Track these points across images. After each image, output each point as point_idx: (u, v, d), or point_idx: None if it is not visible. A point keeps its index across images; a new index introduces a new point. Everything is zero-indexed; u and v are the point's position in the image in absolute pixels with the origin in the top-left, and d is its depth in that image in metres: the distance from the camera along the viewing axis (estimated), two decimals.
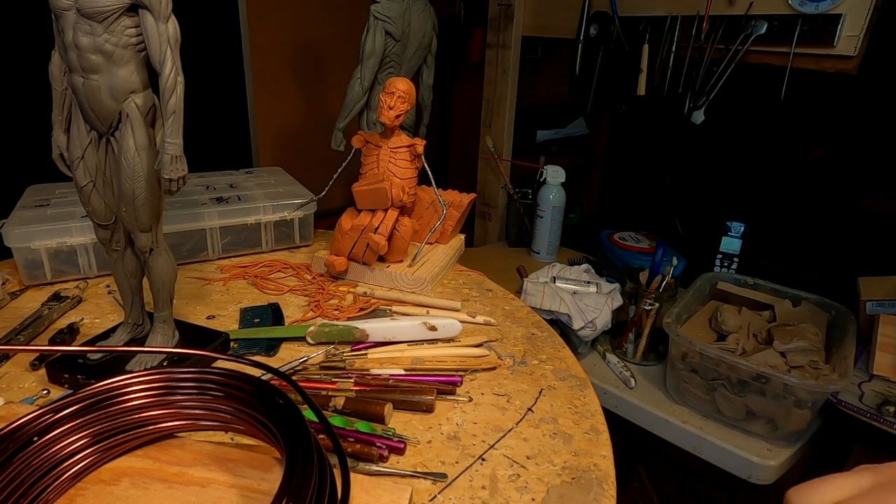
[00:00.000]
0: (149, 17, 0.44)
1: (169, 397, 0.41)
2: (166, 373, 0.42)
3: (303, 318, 0.71)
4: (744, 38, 1.07)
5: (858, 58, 0.96)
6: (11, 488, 0.34)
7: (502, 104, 1.60)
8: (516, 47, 1.54)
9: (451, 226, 0.90)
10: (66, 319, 0.68)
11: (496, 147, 1.64)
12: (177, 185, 0.47)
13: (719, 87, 1.12)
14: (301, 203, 0.91)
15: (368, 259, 0.80)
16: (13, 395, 0.53)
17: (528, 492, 0.45)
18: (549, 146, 1.92)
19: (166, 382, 0.41)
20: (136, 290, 0.58)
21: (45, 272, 0.75)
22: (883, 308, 1.01)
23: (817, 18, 0.98)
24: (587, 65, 1.37)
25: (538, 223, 1.50)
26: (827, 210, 1.35)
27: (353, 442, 0.46)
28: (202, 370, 0.42)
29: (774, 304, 1.03)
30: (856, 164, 1.34)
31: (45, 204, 0.83)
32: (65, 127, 0.50)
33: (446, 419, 0.53)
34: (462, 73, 2.14)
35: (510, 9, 1.49)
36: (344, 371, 0.58)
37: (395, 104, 0.76)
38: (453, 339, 0.65)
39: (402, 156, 0.79)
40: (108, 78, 0.45)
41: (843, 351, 0.87)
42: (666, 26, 1.17)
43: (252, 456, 0.41)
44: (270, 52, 1.80)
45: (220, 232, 0.86)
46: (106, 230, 0.54)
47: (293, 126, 1.95)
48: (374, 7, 0.95)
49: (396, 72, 1.02)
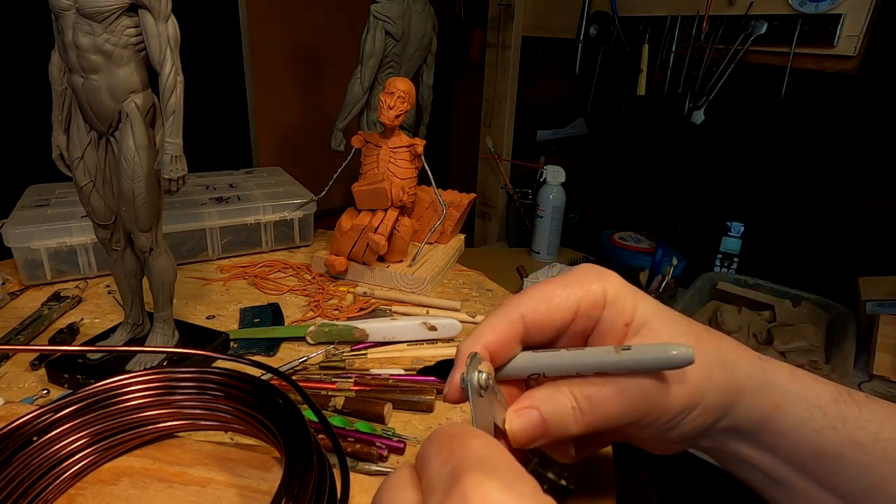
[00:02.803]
0: (148, 16, 0.44)
1: (168, 397, 0.41)
2: (166, 372, 0.42)
3: (303, 318, 0.71)
4: (744, 38, 1.07)
5: (858, 58, 0.96)
6: (11, 488, 0.34)
7: (502, 104, 1.60)
8: (516, 47, 1.54)
9: (450, 226, 0.90)
10: (66, 319, 0.68)
11: (496, 147, 1.64)
12: (177, 185, 0.47)
13: (719, 87, 1.12)
14: (301, 203, 0.91)
15: (368, 259, 0.80)
16: (13, 394, 0.53)
17: None
18: (549, 146, 1.92)
19: (165, 382, 0.41)
20: (135, 290, 0.58)
21: (45, 272, 0.75)
22: (883, 308, 1.01)
23: (817, 18, 0.98)
24: (587, 65, 1.37)
25: (538, 223, 1.50)
26: (827, 210, 1.35)
27: (352, 442, 0.46)
28: (201, 370, 0.42)
29: (774, 304, 1.03)
30: (856, 164, 1.34)
31: (45, 204, 0.83)
32: (65, 127, 0.50)
33: (446, 419, 0.53)
34: (462, 73, 2.14)
35: (510, 9, 1.49)
36: (344, 371, 0.58)
37: (395, 104, 0.76)
38: (453, 339, 0.65)
39: (402, 156, 0.79)
40: (107, 78, 0.45)
41: (843, 351, 0.87)
42: (666, 26, 1.17)
43: (252, 455, 0.41)
44: (270, 53, 1.80)
45: (220, 232, 0.86)
46: (106, 230, 0.54)
47: (293, 126, 1.95)
48: (374, 7, 0.95)
49: (396, 72, 1.02)
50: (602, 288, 0.30)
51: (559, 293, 0.30)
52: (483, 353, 0.29)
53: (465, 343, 0.30)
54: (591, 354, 0.29)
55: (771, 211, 1.42)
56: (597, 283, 0.30)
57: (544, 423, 0.29)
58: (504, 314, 0.30)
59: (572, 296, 0.30)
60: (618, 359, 0.28)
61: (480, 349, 0.29)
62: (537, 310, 0.30)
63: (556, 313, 0.30)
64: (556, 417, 0.29)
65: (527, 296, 0.30)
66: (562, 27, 1.40)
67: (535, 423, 0.29)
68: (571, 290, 0.30)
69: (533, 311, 0.30)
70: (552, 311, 0.30)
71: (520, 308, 0.30)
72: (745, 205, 1.44)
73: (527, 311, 0.30)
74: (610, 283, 0.30)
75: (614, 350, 0.28)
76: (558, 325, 0.30)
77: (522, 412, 0.29)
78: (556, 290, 0.30)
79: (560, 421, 0.29)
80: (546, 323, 0.30)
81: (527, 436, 0.29)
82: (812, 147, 1.41)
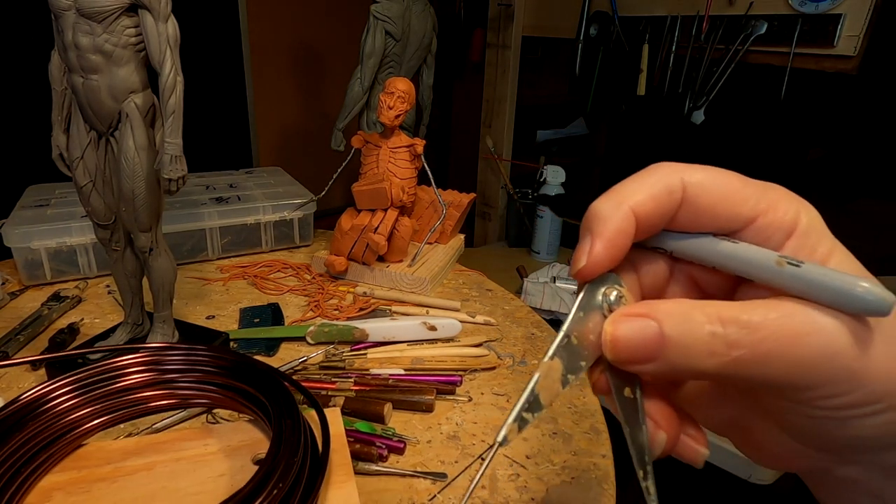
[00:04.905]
0: (148, 16, 0.44)
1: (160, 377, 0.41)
2: (155, 353, 0.41)
3: (302, 317, 0.71)
4: (744, 38, 1.07)
5: (858, 58, 0.96)
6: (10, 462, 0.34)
7: (502, 104, 1.60)
8: (516, 47, 1.54)
9: (450, 226, 0.90)
10: (66, 319, 0.68)
11: (496, 147, 1.64)
12: (176, 185, 0.47)
13: (719, 87, 1.12)
14: (301, 203, 0.91)
15: (368, 259, 0.80)
16: (13, 395, 0.53)
17: (527, 491, 0.45)
18: (549, 146, 1.92)
19: (155, 363, 0.41)
20: (135, 290, 0.58)
21: (44, 272, 0.75)
22: None
23: (817, 18, 0.98)
24: (587, 65, 1.37)
25: (538, 223, 1.50)
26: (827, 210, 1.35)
27: (352, 441, 0.46)
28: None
29: None
30: (855, 164, 1.34)
31: (45, 204, 0.83)
32: (64, 127, 0.50)
33: (446, 419, 0.53)
34: (462, 73, 2.14)
35: (510, 9, 1.49)
36: (344, 371, 0.58)
37: (395, 104, 0.76)
38: (453, 338, 0.65)
39: (402, 156, 0.79)
40: (107, 78, 0.45)
41: None
42: (666, 26, 1.17)
43: (237, 426, 0.40)
44: (270, 52, 1.80)
45: (220, 232, 0.86)
46: (106, 230, 0.54)
47: (293, 126, 1.95)
48: (374, 7, 0.95)
49: (396, 72, 1.02)
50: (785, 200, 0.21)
51: (735, 183, 0.21)
52: (627, 220, 0.21)
53: (604, 203, 0.22)
54: (746, 250, 0.21)
55: None
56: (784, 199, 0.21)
57: (662, 341, 0.20)
58: (662, 177, 0.22)
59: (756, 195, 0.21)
60: (777, 271, 0.19)
61: (624, 217, 0.21)
62: (704, 192, 0.21)
63: (727, 204, 0.21)
64: (683, 338, 0.20)
65: (692, 169, 0.22)
66: (562, 27, 1.40)
67: (648, 335, 0.20)
68: (753, 189, 0.21)
69: (699, 193, 0.21)
70: (727, 197, 0.21)
71: (681, 176, 0.22)
72: None
73: (691, 186, 0.22)
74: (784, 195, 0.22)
75: (775, 261, 0.19)
76: (721, 220, 0.21)
77: (634, 318, 0.21)
78: (734, 180, 0.22)
79: (688, 346, 0.20)
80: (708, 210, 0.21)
81: (630, 350, 0.21)
82: (812, 147, 1.41)
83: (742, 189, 0.21)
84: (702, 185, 0.21)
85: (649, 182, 0.22)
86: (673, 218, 0.22)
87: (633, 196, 0.21)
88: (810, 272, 0.19)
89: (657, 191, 0.21)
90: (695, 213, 0.22)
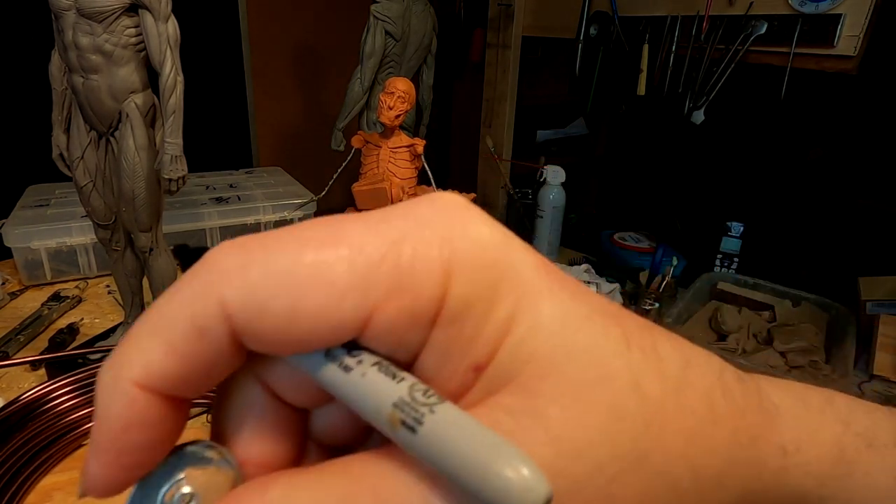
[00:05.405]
0: (148, 17, 0.44)
1: None
2: None
3: None
4: (744, 38, 1.07)
5: (858, 58, 0.96)
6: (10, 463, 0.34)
7: (502, 104, 1.60)
8: (516, 47, 1.54)
9: None
10: (66, 319, 0.68)
11: (496, 147, 1.64)
12: (177, 185, 0.47)
13: (719, 87, 1.12)
14: (301, 203, 0.91)
15: None
16: (13, 395, 0.53)
17: None
18: (549, 146, 1.93)
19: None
20: (136, 290, 0.58)
21: (44, 272, 0.75)
22: (883, 308, 1.01)
23: (817, 18, 0.98)
24: (587, 65, 1.37)
25: (538, 223, 1.50)
26: (827, 210, 1.35)
27: None
28: None
29: (774, 304, 1.03)
30: (856, 164, 1.34)
31: (45, 204, 0.83)
32: (65, 127, 0.50)
33: None
34: (462, 73, 2.14)
35: (510, 9, 1.49)
36: None
37: (395, 104, 0.76)
38: None
39: (402, 156, 0.79)
40: (107, 78, 0.45)
41: (843, 351, 0.87)
42: (666, 26, 1.17)
43: None
44: (270, 52, 1.80)
45: (220, 232, 0.86)
46: (106, 230, 0.54)
47: (293, 126, 1.95)
48: (374, 7, 0.95)
49: (396, 72, 1.02)
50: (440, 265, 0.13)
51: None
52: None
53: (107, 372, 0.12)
54: (357, 385, 0.12)
55: (771, 211, 1.42)
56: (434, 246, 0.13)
57: None
58: (186, 308, 0.12)
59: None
60: (391, 430, 0.11)
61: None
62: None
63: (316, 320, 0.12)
64: None
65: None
66: (562, 27, 1.40)
67: None
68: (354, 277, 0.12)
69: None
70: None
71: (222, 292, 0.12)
72: (744, 205, 1.44)
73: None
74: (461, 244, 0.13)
75: (388, 416, 0.11)
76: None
77: None
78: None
79: None
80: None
81: None
82: (812, 147, 1.41)
83: (334, 283, 0.12)
84: (254, 304, 0.12)
85: (167, 322, 0.12)
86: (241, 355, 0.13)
87: (142, 357, 0.12)
88: (431, 440, 0.11)
89: (178, 337, 0.12)
90: (277, 340, 0.12)
